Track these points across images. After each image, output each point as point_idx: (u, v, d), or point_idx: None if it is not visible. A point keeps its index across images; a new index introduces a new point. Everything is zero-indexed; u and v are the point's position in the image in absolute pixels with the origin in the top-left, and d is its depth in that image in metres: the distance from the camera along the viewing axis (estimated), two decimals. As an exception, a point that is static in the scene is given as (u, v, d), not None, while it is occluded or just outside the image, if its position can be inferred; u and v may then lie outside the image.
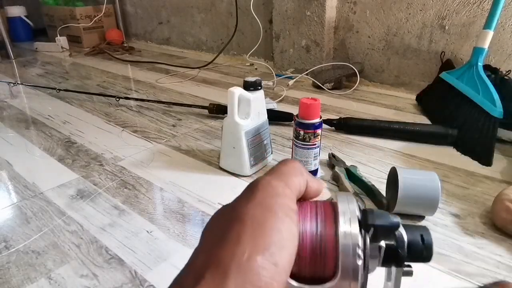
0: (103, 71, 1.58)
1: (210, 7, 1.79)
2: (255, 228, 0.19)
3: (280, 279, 0.18)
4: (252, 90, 0.68)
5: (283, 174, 0.22)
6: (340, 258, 0.20)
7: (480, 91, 0.81)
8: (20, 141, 0.88)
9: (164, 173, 0.72)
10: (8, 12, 2.16)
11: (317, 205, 0.23)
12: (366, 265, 0.20)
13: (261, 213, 0.20)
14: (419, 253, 0.22)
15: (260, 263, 0.18)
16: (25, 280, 0.47)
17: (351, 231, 0.20)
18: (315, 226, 0.21)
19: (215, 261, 0.18)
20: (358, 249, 0.20)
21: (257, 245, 0.18)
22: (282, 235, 0.19)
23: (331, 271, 0.20)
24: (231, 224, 0.20)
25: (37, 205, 0.62)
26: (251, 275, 0.17)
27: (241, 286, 0.17)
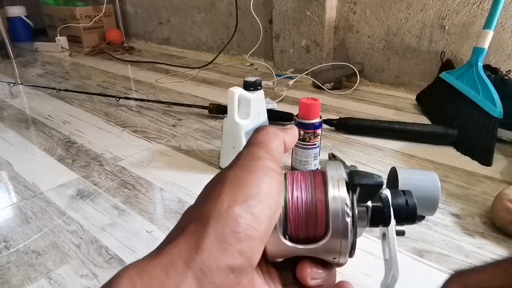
0: (103, 71, 1.58)
1: (210, 7, 1.79)
2: (234, 185, 0.20)
3: (259, 228, 0.19)
4: (252, 90, 0.68)
5: (260, 142, 0.24)
6: (330, 218, 0.22)
7: (480, 91, 0.81)
8: (20, 141, 0.88)
9: (164, 173, 0.72)
10: (8, 12, 2.16)
11: (308, 174, 0.25)
12: (354, 223, 0.22)
13: (241, 173, 0.21)
14: (403, 214, 0.25)
15: (239, 212, 0.19)
16: (25, 280, 0.47)
17: (340, 194, 0.22)
18: (307, 192, 0.23)
19: (198, 214, 0.20)
20: (346, 208, 0.22)
21: (236, 198, 0.19)
22: (260, 189, 0.20)
23: (323, 231, 0.22)
24: (215, 184, 0.21)
25: (37, 205, 0.62)
26: (230, 222, 0.19)
27: (220, 232, 0.18)
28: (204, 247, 0.18)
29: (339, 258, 0.23)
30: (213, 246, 0.18)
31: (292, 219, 0.22)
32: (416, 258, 0.49)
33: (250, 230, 0.19)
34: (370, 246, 0.51)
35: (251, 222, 0.19)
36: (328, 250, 0.22)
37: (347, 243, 0.22)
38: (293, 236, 0.22)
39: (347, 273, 0.46)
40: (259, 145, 0.23)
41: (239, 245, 0.18)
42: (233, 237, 0.18)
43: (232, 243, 0.18)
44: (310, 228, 0.22)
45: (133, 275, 0.17)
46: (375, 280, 0.46)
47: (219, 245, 0.18)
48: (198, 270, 0.17)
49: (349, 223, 0.22)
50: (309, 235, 0.23)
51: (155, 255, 0.18)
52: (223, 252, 0.18)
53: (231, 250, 0.18)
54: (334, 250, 0.22)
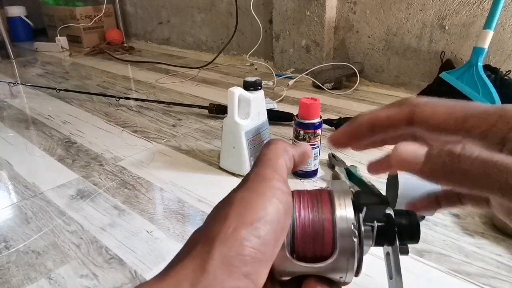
0: (103, 71, 1.58)
1: (210, 7, 1.79)
2: (242, 207, 0.21)
3: (265, 251, 0.19)
4: (252, 90, 0.68)
5: (268, 160, 0.24)
6: (337, 238, 0.22)
7: (480, 91, 0.81)
8: (20, 141, 0.88)
9: (164, 173, 0.72)
10: (8, 12, 2.16)
11: (315, 193, 0.25)
12: (361, 243, 0.23)
13: (249, 195, 0.21)
14: (408, 234, 0.25)
15: (244, 235, 0.19)
16: (25, 280, 0.47)
17: (346, 213, 0.23)
18: (314, 212, 0.23)
19: (205, 236, 0.20)
20: (353, 228, 0.22)
21: (242, 221, 0.20)
22: (267, 212, 0.20)
23: (330, 250, 0.23)
24: (223, 206, 0.22)
25: (37, 205, 0.62)
26: (236, 245, 0.19)
27: (226, 254, 0.19)
28: (209, 269, 0.18)
29: (346, 277, 0.23)
30: (219, 268, 0.18)
31: (299, 238, 0.23)
32: (416, 258, 0.49)
33: (256, 253, 0.19)
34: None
35: (257, 245, 0.19)
36: (334, 269, 0.23)
37: (354, 262, 0.22)
38: (300, 254, 0.23)
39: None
40: (267, 164, 0.24)
41: (244, 268, 0.19)
42: (239, 260, 0.19)
43: (238, 266, 0.18)
44: (317, 247, 0.23)
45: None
46: (375, 280, 0.46)
47: (224, 267, 0.18)
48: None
49: (355, 243, 0.22)
50: (316, 254, 0.23)
51: (162, 277, 0.19)
52: (228, 275, 0.18)
53: (237, 273, 0.18)
54: (340, 269, 0.23)
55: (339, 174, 0.66)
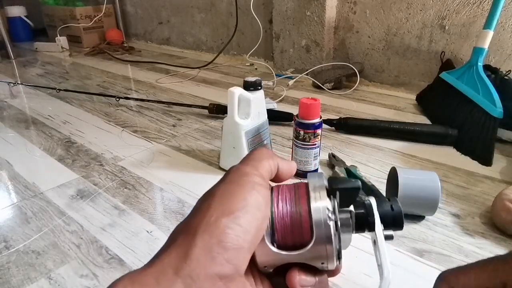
0: (103, 71, 1.58)
1: (210, 7, 1.79)
2: (223, 198, 0.22)
3: (245, 238, 0.20)
4: (252, 90, 0.68)
5: (252, 159, 0.26)
6: (314, 224, 0.23)
7: (480, 91, 0.81)
8: (20, 141, 0.88)
9: (164, 173, 0.72)
10: (8, 12, 2.16)
11: (293, 186, 0.26)
12: (337, 227, 0.23)
13: (230, 187, 0.23)
14: (389, 219, 0.26)
15: (226, 223, 0.20)
16: (25, 280, 0.47)
17: (321, 200, 0.24)
18: (292, 202, 0.24)
19: (188, 226, 0.21)
20: (328, 213, 0.23)
21: (223, 210, 0.21)
22: (247, 202, 0.22)
23: (309, 238, 0.23)
24: (204, 199, 0.23)
25: (37, 205, 0.62)
26: (217, 232, 0.20)
27: (208, 241, 0.19)
28: (192, 256, 0.19)
29: (328, 263, 0.24)
30: (201, 255, 0.19)
31: (278, 228, 0.23)
32: (416, 258, 0.49)
33: (237, 239, 0.20)
34: (370, 246, 0.51)
35: (238, 233, 0.20)
36: (315, 255, 0.23)
37: (333, 247, 0.23)
38: (281, 244, 0.23)
39: (347, 273, 0.46)
40: (249, 163, 0.25)
41: (226, 254, 0.19)
42: (221, 247, 0.19)
43: (220, 252, 0.19)
44: (296, 236, 0.23)
45: (127, 284, 0.18)
46: (375, 280, 0.46)
47: (207, 254, 0.19)
48: (187, 277, 0.18)
49: (331, 227, 0.23)
50: (295, 243, 0.23)
51: (148, 265, 0.19)
52: (211, 260, 0.19)
53: (219, 258, 0.19)
54: (321, 255, 0.23)
55: (339, 174, 0.66)
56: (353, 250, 0.50)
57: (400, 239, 0.52)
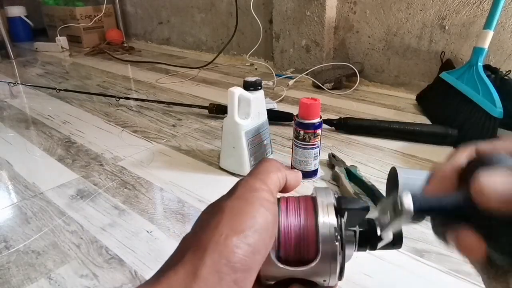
0: (103, 71, 1.58)
1: (210, 7, 1.79)
2: (232, 216, 0.21)
3: (254, 258, 0.20)
4: (252, 90, 0.68)
5: (260, 173, 0.25)
6: (320, 242, 0.23)
7: (480, 91, 0.81)
8: (20, 141, 0.88)
9: (164, 173, 0.72)
10: (8, 12, 2.16)
11: (300, 200, 0.26)
12: (343, 247, 0.23)
13: (239, 204, 0.22)
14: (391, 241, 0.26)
15: (236, 243, 0.20)
16: (25, 280, 0.47)
17: (329, 219, 0.23)
18: (299, 217, 0.24)
19: (197, 242, 0.20)
20: (335, 232, 0.23)
21: (233, 229, 0.20)
22: (257, 221, 0.21)
23: (314, 254, 0.23)
24: (213, 214, 0.22)
25: (37, 205, 0.62)
26: (227, 252, 0.19)
27: (218, 261, 0.19)
28: (201, 276, 0.19)
29: (329, 281, 0.24)
30: (210, 275, 0.19)
31: (284, 243, 0.23)
32: (416, 258, 0.49)
33: (246, 260, 0.20)
34: (370, 246, 0.51)
35: (247, 253, 0.20)
36: (318, 272, 0.23)
37: (336, 265, 0.23)
38: (285, 259, 0.23)
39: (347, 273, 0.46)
40: (258, 176, 0.24)
41: (234, 275, 0.19)
42: (230, 267, 0.19)
43: (228, 273, 0.19)
44: (302, 252, 0.23)
45: None
46: (375, 280, 0.46)
47: (215, 274, 0.19)
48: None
49: (337, 247, 0.23)
50: (300, 258, 0.23)
51: (154, 282, 0.19)
52: (219, 281, 0.19)
53: (227, 279, 0.19)
54: (324, 272, 0.23)
55: (339, 174, 0.66)
56: (353, 250, 0.50)
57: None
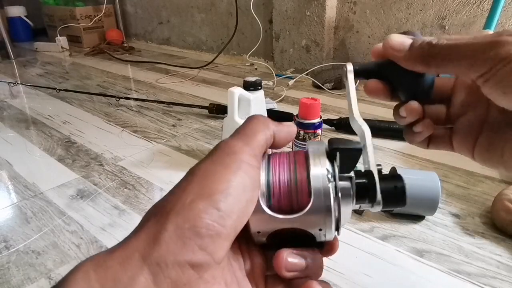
0: (103, 71, 1.58)
1: (210, 7, 1.79)
2: (203, 179, 0.20)
3: (224, 223, 0.19)
4: (252, 90, 0.68)
5: (244, 134, 0.23)
6: (312, 184, 0.22)
7: (480, 91, 0.81)
8: (20, 141, 0.88)
9: (164, 173, 0.72)
10: (8, 12, 2.16)
11: (291, 153, 0.25)
12: (336, 188, 0.22)
13: (213, 167, 0.20)
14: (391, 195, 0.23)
15: (202, 207, 0.18)
16: (25, 280, 0.47)
17: (320, 161, 0.22)
18: (290, 164, 0.23)
19: (161, 208, 0.19)
20: (327, 173, 0.22)
21: (201, 192, 0.19)
22: (230, 184, 0.19)
23: (306, 201, 0.22)
24: (184, 178, 0.21)
25: (37, 205, 0.62)
26: (192, 216, 0.18)
27: (181, 226, 0.18)
28: (161, 241, 0.17)
29: (326, 230, 0.22)
30: (172, 240, 0.17)
31: (275, 192, 0.22)
32: (416, 258, 0.49)
33: (214, 225, 0.18)
34: (370, 246, 0.51)
35: (216, 218, 0.18)
36: (312, 219, 0.22)
37: (331, 208, 0.21)
38: (277, 209, 0.22)
39: (347, 273, 0.46)
40: (241, 137, 0.23)
41: (200, 240, 0.18)
42: (193, 232, 0.18)
43: (192, 238, 0.18)
44: (293, 199, 0.22)
45: (89, 268, 0.17)
46: (375, 280, 0.46)
47: (178, 239, 0.18)
48: (154, 264, 0.17)
49: (331, 188, 0.21)
50: (293, 207, 0.22)
51: (114, 249, 0.18)
52: (181, 247, 0.17)
53: (191, 245, 0.18)
54: (318, 218, 0.22)
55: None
56: (353, 250, 0.50)
57: (400, 239, 0.52)
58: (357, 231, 0.54)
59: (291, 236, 0.23)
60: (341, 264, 0.48)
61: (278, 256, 0.22)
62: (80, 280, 0.16)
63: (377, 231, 0.54)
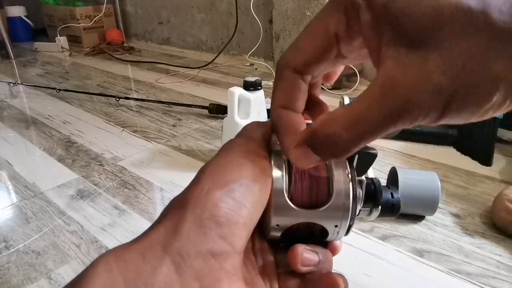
0: (103, 71, 1.58)
1: (210, 7, 1.79)
2: (215, 171, 0.20)
3: (241, 212, 0.19)
4: (252, 90, 0.68)
5: (244, 133, 0.24)
6: (334, 182, 0.22)
7: (480, 91, 0.81)
8: (20, 141, 0.88)
9: (164, 173, 0.72)
10: (8, 12, 2.16)
11: None
12: (354, 188, 0.23)
13: (223, 161, 0.21)
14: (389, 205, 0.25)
15: (219, 196, 0.19)
16: (25, 280, 0.47)
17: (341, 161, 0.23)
18: None
19: (179, 200, 0.20)
20: (347, 172, 0.23)
21: (216, 183, 0.19)
22: (242, 173, 0.20)
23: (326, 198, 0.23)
24: (197, 173, 0.21)
25: (37, 205, 0.62)
26: (210, 206, 0.18)
27: (200, 216, 0.18)
28: (182, 232, 0.18)
29: (340, 227, 0.23)
30: (192, 230, 0.18)
31: (296, 186, 0.23)
32: (416, 258, 0.49)
33: (232, 214, 0.18)
34: (370, 246, 0.51)
35: (232, 207, 0.19)
36: (332, 215, 0.23)
37: (349, 209, 0.22)
38: (296, 204, 0.23)
39: (347, 273, 0.46)
40: (242, 135, 0.24)
41: (219, 229, 0.18)
42: (213, 221, 0.18)
43: (212, 228, 0.18)
44: (313, 195, 0.23)
45: (110, 259, 0.17)
46: (375, 280, 0.46)
47: (198, 229, 0.18)
48: (175, 254, 0.17)
49: (351, 186, 0.22)
50: (311, 203, 0.23)
51: (135, 241, 0.18)
52: (202, 236, 0.18)
53: (211, 234, 0.18)
54: (337, 216, 0.23)
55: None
56: (353, 250, 0.50)
57: (400, 239, 0.52)
58: (357, 231, 0.54)
59: (303, 233, 0.24)
60: (341, 264, 0.48)
61: (294, 251, 0.23)
62: (102, 271, 0.16)
63: (377, 231, 0.54)
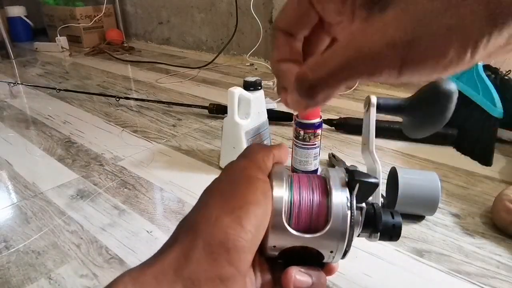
0: (103, 71, 1.58)
1: (210, 7, 1.79)
2: (222, 196, 0.21)
3: (247, 238, 0.20)
4: (252, 90, 0.68)
5: (246, 155, 0.25)
6: (332, 208, 0.23)
7: (480, 91, 0.81)
8: (20, 141, 0.88)
9: (164, 173, 0.72)
10: (8, 12, 2.16)
11: (311, 176, 0.26)
12: (353, 217, 0.23)
13: (228, 186, 0.22)
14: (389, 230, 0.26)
15: (227, 223, 0.20)
16: (25, 280, 0.47)
17: (341, 189, 0.24)
18: (311, 188, 0.24)
19: (188, 224, 0.21)
20: (346, 201, 0.23)
21: (224, 209, 0.20)
22: (247, 200, 0.21)
23: (324, 223, 0.23)
24: (204, 197, 0.22)
25: (37, 205, 0.62)
26: (219, 233, 0.19)
27: (209, 242, 0.19)
28: (193, 257, 0.19)
29: (336, 253, 0.24)
30: (202, 256, 0.19)
31: (295, 210, 0.23)
32: (416, 258, 0.49)
33: (239, 240, 0.19)
34: (370, 246, 0.51)
35: (239, 233, 0.20)
36: (327, 242, 0.23)
37: (346, 236, 0.23)
38: (294, 227, 0.23)
39: (347, 273, 0.46)
40: (244, 157, 0.25)
41: (227, 255, 0.19)
42: (222, 248, 0.19)
43: (221, 254, 0.19)
44: (312, 220, 0.23)
45: (127, 283, 0.18)
46: (375, 280, 0.46)
47: (208, 255, 0.19)
48: (187, 279, 0.18)
49: (348, 215, 0.23)
50: (310, 227, 0.23)
51: (149, 264, 0.19)
52: (212, 262, 0.19)
53: (220, 260, 0.19)
54: (332, 242, 0.23)
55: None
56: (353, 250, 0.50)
57: (400, 239, 0.52)
58: (357, 231, 0.54)
59: (301, 253, 0.24)
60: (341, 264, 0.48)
61: (287, 273, 0.24)
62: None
63: (377, 231, 0.54)
